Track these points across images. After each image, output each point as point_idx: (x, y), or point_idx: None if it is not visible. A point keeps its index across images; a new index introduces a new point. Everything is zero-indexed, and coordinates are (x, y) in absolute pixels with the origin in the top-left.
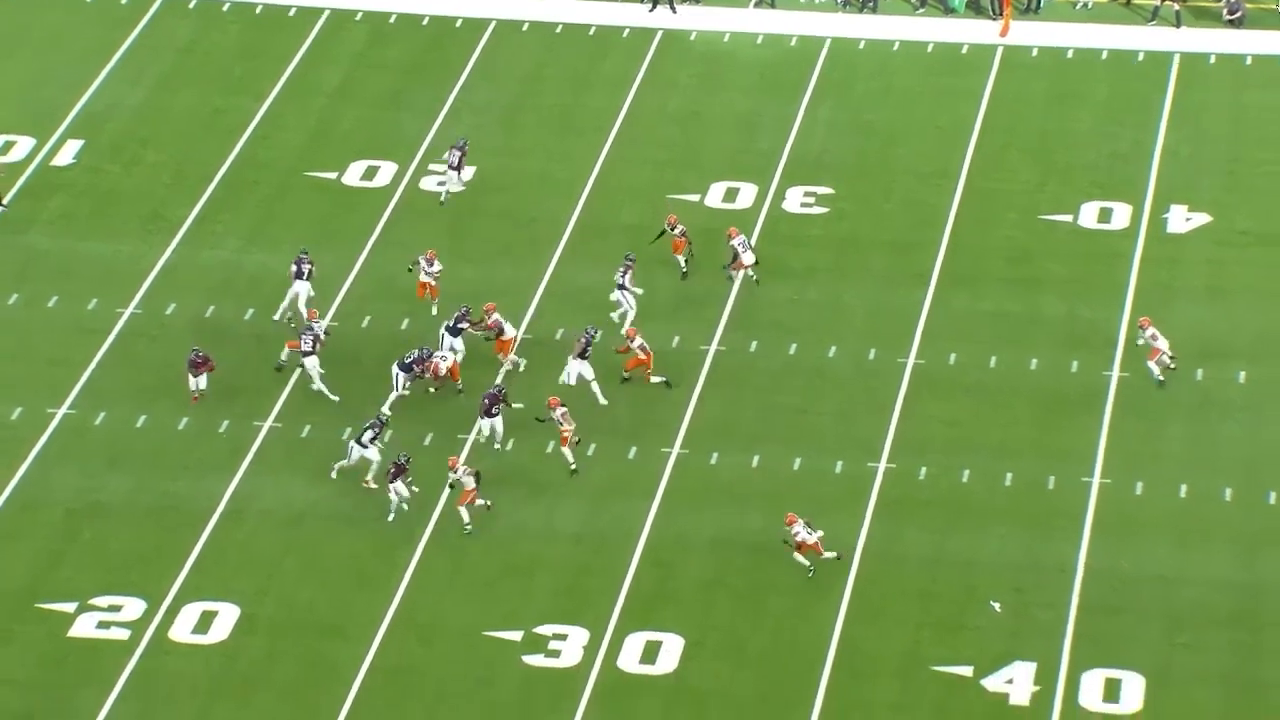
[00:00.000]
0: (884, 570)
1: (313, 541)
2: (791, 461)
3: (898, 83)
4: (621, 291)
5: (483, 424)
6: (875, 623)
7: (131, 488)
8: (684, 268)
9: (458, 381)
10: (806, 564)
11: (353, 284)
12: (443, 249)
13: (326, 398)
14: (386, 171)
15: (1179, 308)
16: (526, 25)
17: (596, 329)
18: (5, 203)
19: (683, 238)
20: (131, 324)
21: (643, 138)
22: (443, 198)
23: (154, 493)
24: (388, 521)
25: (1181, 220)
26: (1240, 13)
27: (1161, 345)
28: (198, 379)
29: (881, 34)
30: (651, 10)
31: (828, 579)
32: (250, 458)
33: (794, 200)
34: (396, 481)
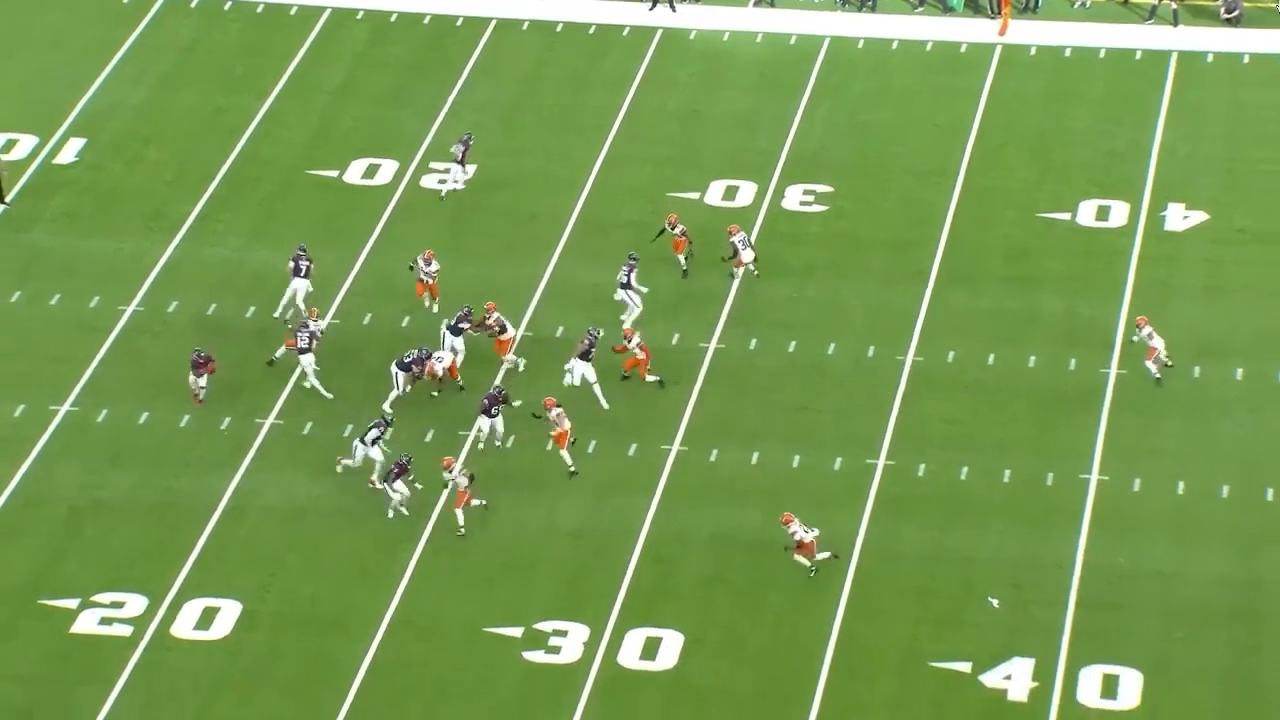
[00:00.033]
0: (883, 567)
1: (314, 538)
2: (791, 459)
3: (896, 81)
4: (626, 291)
5: (483, 423)
6: (874, 619)
7: (134, 484)
8: (684, 266)
9: (457, 379)
10: (808, 564)
11: (354, 282)
12: (443, 247)
13: (320, 395)
14: (388, 170)
15: (1177, 305)
16: (527, 24)
17: (599, 330)
18: (8, 201)
19: (683, 237)
20: (134, 321)
21: (643, 136)
22: (443, 194)
23: (156, 489)
24: (389, 518)
25: (1179, 218)
26: (1237, 11)
27: (1157, 344)
28: (199, 379)
29: (880, 33)
30: (651, 9)
31: (826, 576)
32: (252, 454)
33: (793, 198)
34: (397, 481)
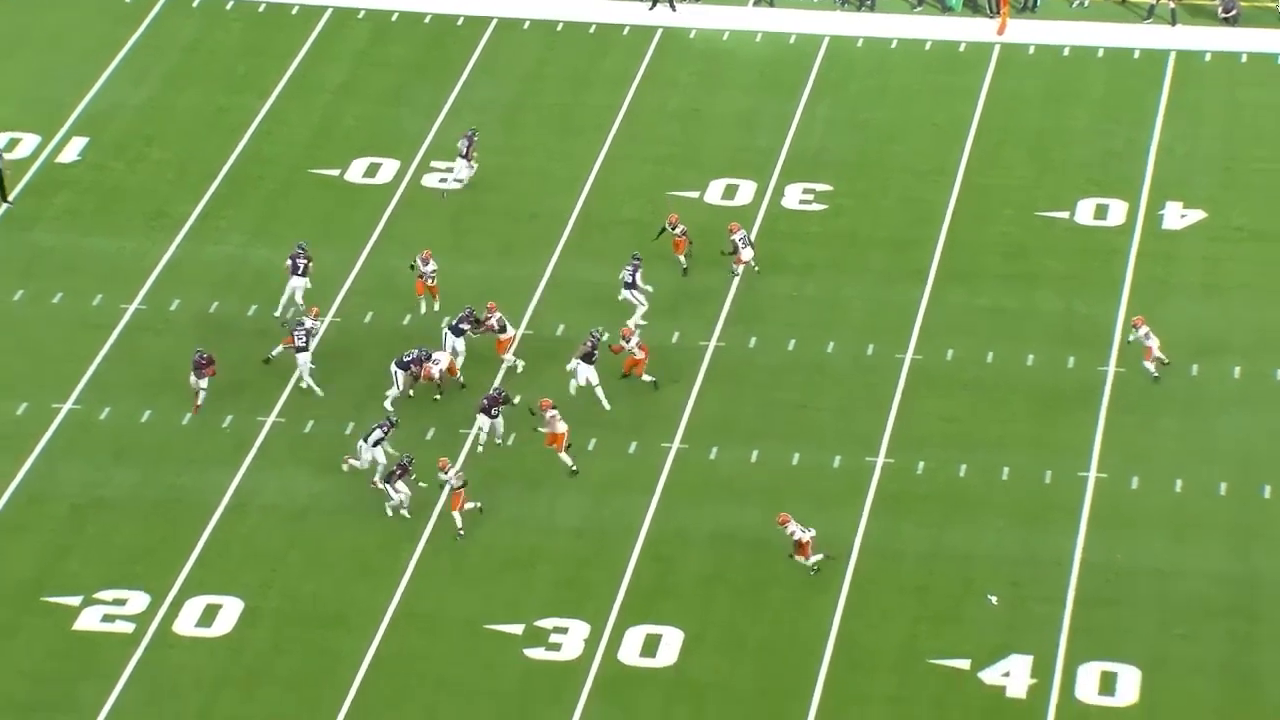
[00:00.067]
0: (882, 564)
1: (316, 535)
2: (790, 456)
3: (895, 80)
4: (631, 291)
5: (483, 422)
6: (873, 616)
7: (136, 482)
8: (684, 265)
9: (457, 376)
10: (808, 563)
11: (355, 280)
12: (444, 246)
13: (314, 393)
14: (389, 169)
15: (1174, 303)
16: (527, 23)
17: (602, 331)
18: (11, 200)
19: (683, 237)
20: (136, 319)
21: (643, 135)
22: (443, 192)
23: (158, 487)
24: (389, 516)
25: (1177, 217)
26: (1235, 11)
27: (1153, 344)
28: (200, 380)
29: (879, 32)
30: (651, 8)
31: (826, 573)
32: (254, 452)
33: (793, 197)
34: (398, 482)
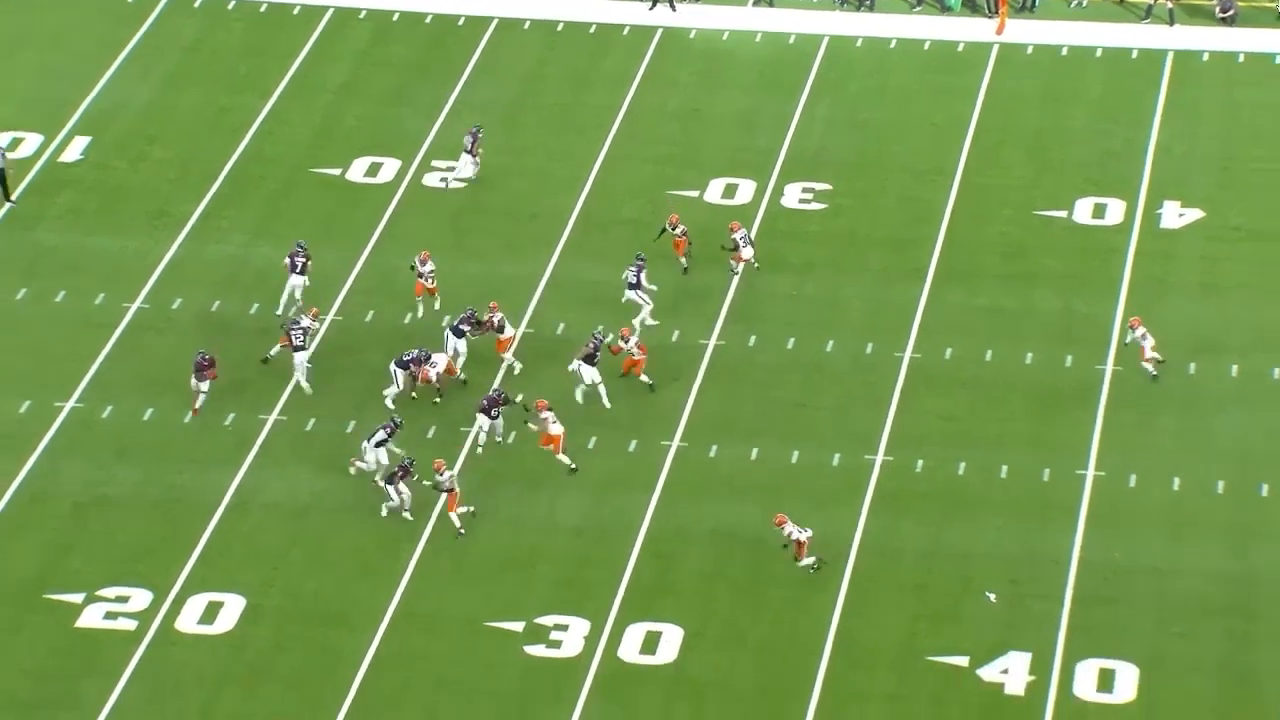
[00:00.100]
0: (881, 562)
1: (317, 533)
2: (790, 455)
3: (894, 80)
4: (635, 291)
5: (483, 422)
6: (872, 614)
7: (138, 480)
8: (684, 264)
9: (456, 375)
10: (809, 562)
11: (356, 279)
12: (445, 245)
13: (302, 389)
14: (390, 168)
15: (1172, 302)
16: (528, 23)
17: (605, 333)
18: (13, 199)
19: (684, 237)
20: (138, 318)
21: (643, 135)
22: (449, 184)
23: (160, 485)
24: (383, 516)
25: (1175, 216)
26: (1232, 11)
27: (1146, 344)
28: (200, 383)
29: (878, 32)
30: (651, 9)
31: (825, 571)
32: (255, 450)
33: (792, 196)
34: (400, 483)
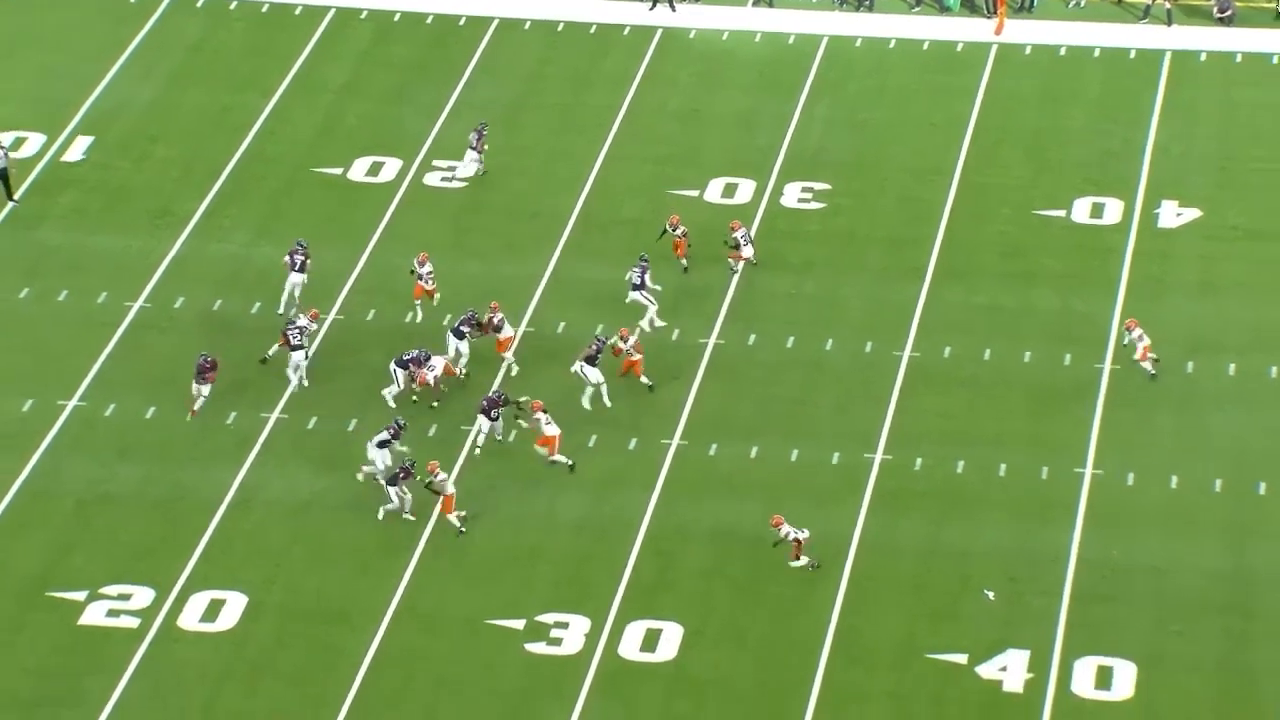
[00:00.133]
0: (880, 560)
1: (319, 531)
2: (789, 453)
3: (893, 80)
4: (640, 292)
5: (483, 424)
6: (871, 611)
7: (141, 478)
8: (684, 264)
9: (456, 375)
10: (807, 561)
11: (358, 278)
12: (445, 244)
13: (288, 382)
14: (391, 167)
15: (1170, 301)
16: (529, 24)
17: (607, 336)
18: (16, 198)
19: (684, 238)
20: (141, 317)
21: (643, 134)
22: (455, 175)
23: (163, 483)
24: (380, 519)
25: (1172, 215)
26: (1230, 11)
27: (1142, 345)
28: (202, 386)
29: (878, 32)
30: (651, 9)
31: (824, 569)
32: (257, 449)
33: (791, 196)
34: (400, 484)
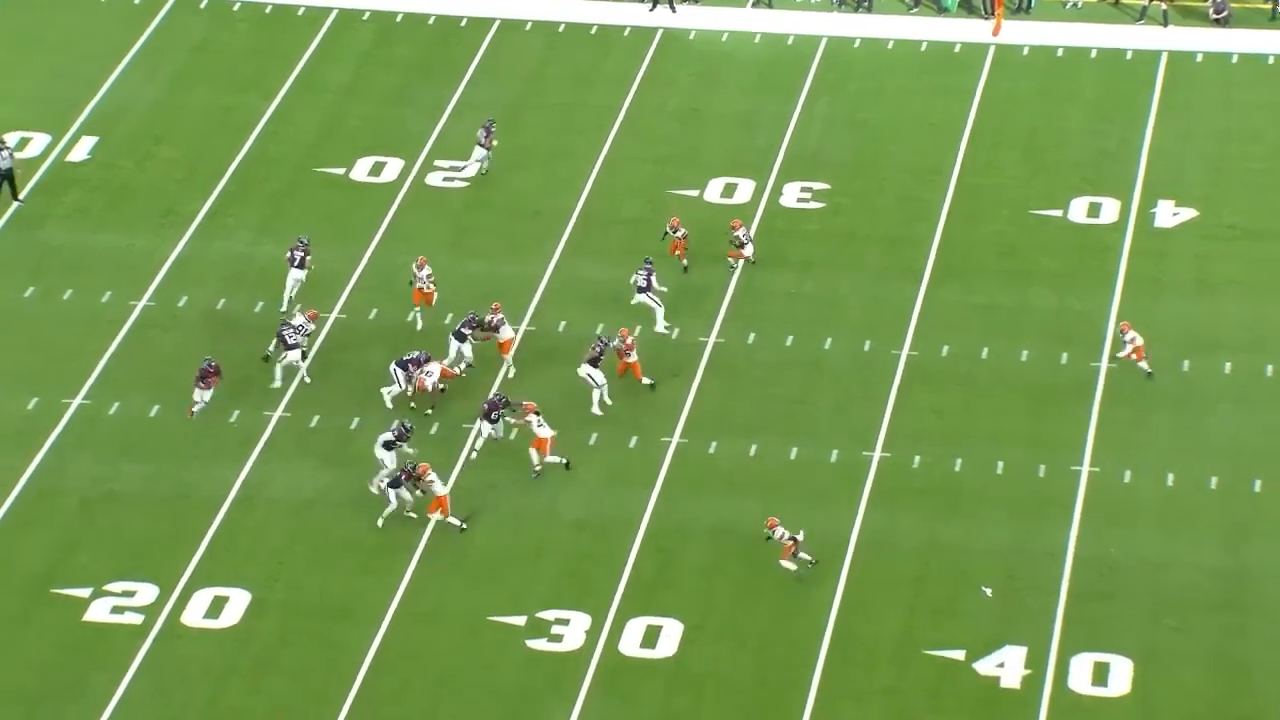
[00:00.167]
0: (878, 557)
1: (321, 528)
2: (788, 451)
3: (892, 81)
4: (646, 294)
5: (484, 427)
6: (870, 608)
7: (145, 476)
8: (684, 263)
9: (456, 375)
10: (806, 560)
11: (359, 277)
12: (446, 244)
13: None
14: (393, 167)
15: (1166, 300)
16: (530, 25)
17: (609, 337)
18: (21, 198)
19: (683, 239)
20: (145, 316)
21: (643, 135)
22: (463, 173)
23: (167, 481)
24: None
25: (1169, 215)
26: (1226, 12)
27: (1133, 346)
28: (204, 391)
29: (876, 33)
30: (651, 10)
31: (823, 567)
32: (260, 446)
33: (791, 195)
34: (400, 487)
